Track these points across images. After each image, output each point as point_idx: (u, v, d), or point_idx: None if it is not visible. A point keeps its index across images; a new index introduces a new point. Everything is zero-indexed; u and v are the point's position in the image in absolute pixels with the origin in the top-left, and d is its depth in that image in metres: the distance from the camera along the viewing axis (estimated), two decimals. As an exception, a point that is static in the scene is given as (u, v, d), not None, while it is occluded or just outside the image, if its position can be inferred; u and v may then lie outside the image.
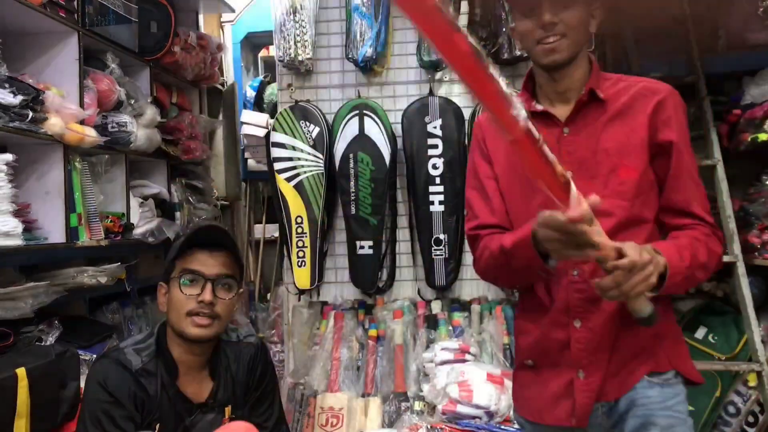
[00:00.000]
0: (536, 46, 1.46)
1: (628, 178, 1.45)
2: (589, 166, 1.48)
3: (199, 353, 1.76)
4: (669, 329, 1.51)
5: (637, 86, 1.51)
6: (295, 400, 2.96)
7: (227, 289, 1.75)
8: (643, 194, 1.47)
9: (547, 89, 1.54)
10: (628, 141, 1.47)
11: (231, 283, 1.76)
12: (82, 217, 2.62)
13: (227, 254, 1.76)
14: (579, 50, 1.48)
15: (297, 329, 3.15)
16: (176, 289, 1.72)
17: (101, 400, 1.66)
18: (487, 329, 2.95)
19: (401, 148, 3.12)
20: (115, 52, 2.94)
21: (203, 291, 1.70)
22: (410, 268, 3.21)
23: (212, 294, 1.71)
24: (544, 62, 1.48)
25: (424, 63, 3.10)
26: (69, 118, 2.47)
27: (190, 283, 1.71)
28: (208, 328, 1.71)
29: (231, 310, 1.77)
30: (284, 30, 3.09)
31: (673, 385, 1.48)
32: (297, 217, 3.10)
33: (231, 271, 1.76)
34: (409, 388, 2.79)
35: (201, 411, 1.77)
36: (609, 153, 1.47)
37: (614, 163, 1.46)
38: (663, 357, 1.48)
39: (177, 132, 3.50)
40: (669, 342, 1.50)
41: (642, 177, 1.46)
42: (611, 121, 1.49)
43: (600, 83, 1.51)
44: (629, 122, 1.48)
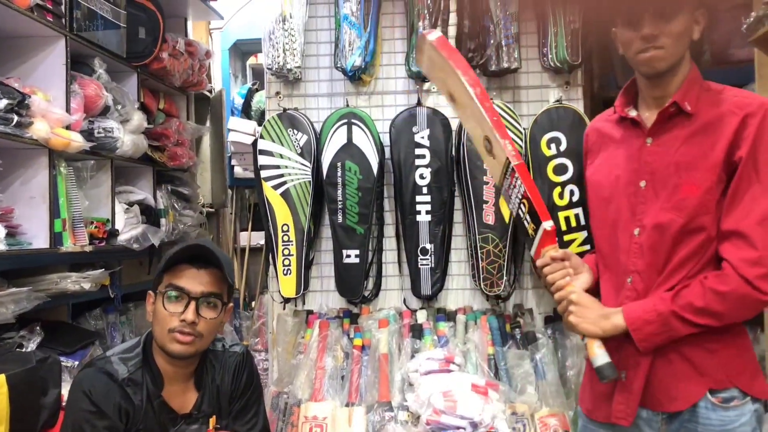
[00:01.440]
0: (636, 56, 1.51)
1: (689, 194, 1.46)
2: (659, 178, 1.51)
3: (183, 366, 1.75)
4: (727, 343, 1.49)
5: (732, 100, 1.49)
6: (278, 408, 2.94)
7: (212, 308, 1.72)
8: (704, 212, 1.46)
9: (646, 94, 1.58)
10: (703, 157, 1.46)
11: (216, 302, 1.73)
12: (67, 223, 2.60)
13: (216, 272, 1.73)
14: (679, 59, 1.51)
15: (281, 338, 3.13)
16: (160, 303, 1.70)
17: (85, 410, 1.65)
18: (472, 339, 2.95)
19: (389, 157, 3.12)
20: (102, 57, 2.93)
21: (186, 309, 1.68)
22: (396, 277, 3.21)
23: (195, 313, 1.68)
24: (643, 71, 1.53)
25: (412, 73, 3.11)
26: (55, 122, 2.46)
27: (175, 300, 1.69)
28: (190, 346, 1.70)
29: (216, 328, 1.75)
30: (273, 38, 3.09)
31: (737, 407, 1.46)
32: (283, 225, 3.09)
33: (217, 289, 1.73)
34: (393, 398, 2.79)
35: (185, 422, 1.75)
36: (679, 167, 1.48)
37: (681, 177, 1.48)
38: (721, 373, 1.47)
39: (164, 138, 3.49)
40: (726, 357, 1.48)
41: (705, 194, 1.45)
42: (694, 135, 1.49)
43: (693, 94, 1.51)
44: (711, 138, 1.47)
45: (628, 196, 1.56)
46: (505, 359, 2.90)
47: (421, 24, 3.04)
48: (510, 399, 2.75)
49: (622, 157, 1.59)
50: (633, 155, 1.57)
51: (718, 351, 1.48)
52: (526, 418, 2.71)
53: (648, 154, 1.54)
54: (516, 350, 2.90)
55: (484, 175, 2.97)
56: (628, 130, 1.61)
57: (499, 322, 3.01)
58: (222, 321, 1.77)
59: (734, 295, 1.41)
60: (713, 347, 1.48)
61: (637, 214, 1.53)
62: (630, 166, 1.57)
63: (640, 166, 1.55)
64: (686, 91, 1.51)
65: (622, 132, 1.62)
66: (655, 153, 1.53)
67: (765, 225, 1.41)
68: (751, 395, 1.47)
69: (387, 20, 3.23)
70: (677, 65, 1.52)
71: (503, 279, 2.98)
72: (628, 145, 1.59)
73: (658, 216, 1.49)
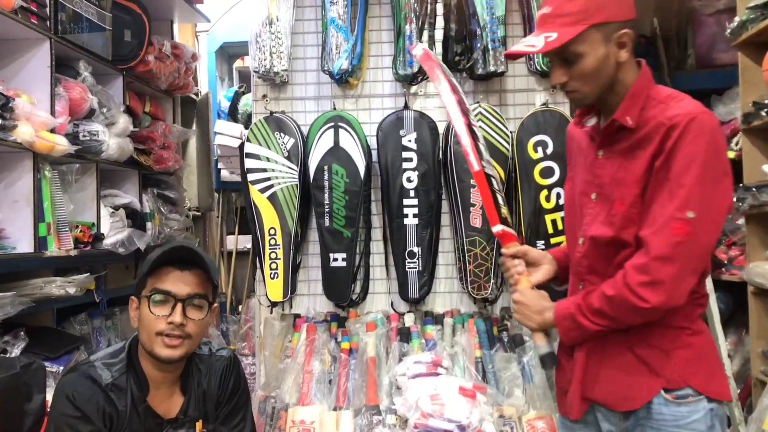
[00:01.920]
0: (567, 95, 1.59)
1: (618, 210, 1.50)
2: (605, 192, 1.54)
3: (170, 370, 1.73)
4: (683, 344, 1.51)
5: (666, 112, 1.47)
6: (266, 413, 2.93)
7: (198, 309, 1.70)
8: (629, 225, 1.49)
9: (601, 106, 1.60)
10: (632, 171, 1.49)
11: (202, 303, 1.71)
12: (52, 227, 2.58)
13: (200, 273, 1.72)
14: (604, 87, 1.51)
15: (269, 342, 3.12)
16: (146, 308, 1.69)
17: (68, 415, 1.63)
18: (459, 342, 2.96)
19: (376, 160, 3.12)
20: (87, 59, 2.91)
21: (173, 312, 1.66)
22: (384, 280, 3.20)
23: (182, 315, 1.67)
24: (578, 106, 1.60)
25: (399, 76, 3.12)
26: (39, 125, 2.44)
27: (161, 303, 1.67)
28: (179, 349, 1.68)
29: (203, 329, 1.74)
30: (260, 41, 3.09)
31: (691, 404, 1.48)
32: (270, 229, 3.08)
33: (203, 290, 1.71)
34: (381, 402, 2.78)
35: (171, 427, 1.74)
36: (618, 183, 1.51)
37: (614, 193, 1.52)
38: (675, 374, 1.49)
39: (149, 141, 3.47)
40: (682, 359, 1.50)
41: (630, 209, 1.48)
42: (632, 149, 1.50)
43: (636, 108, 1.49)
44: (641, 152, 1.48)
45: (582, 207, 1.61)
46: (492, 362, 2.90)
47: (408, 27, 3.04)
48: (497, 402, 2.75)
49: (582, 167, 1.65)
50: (588, 167, 1.61)
51: (673, 351, 1.50)
52: (513, 420, 2.71)
53: (598, 167, 1.57)
54: (503, 353, 2.91)
55: (471, 179, 2.97)
56: (588, 140, 1.64)
57: (486, 325, 3.01)
58: (209, 322, 1.76)
59: (617, 300, 1.45)
60: (668, 347, 1.50)
61: (584, 225, 1.60)
62: (585, 177, 1.61)
63: (593, 179, 1.58)
64: (627, 107, 1.50)
65: (586, 140, 1.65)
66: (603, 166, 1.56)
67: (662, 232, 1.42)
68: (706, 395, 1.49)
69: (374, 23, 3.23)
70: (610, 87, 1.51)
71: (490, 282, 2.99)
72: (587, 156, 1.63)
73: (597, 229, 1.55)
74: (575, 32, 1.43)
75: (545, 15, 1.48)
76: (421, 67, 3.05)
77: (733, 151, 3.49)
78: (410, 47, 3.00)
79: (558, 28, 1.44)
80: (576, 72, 1.47)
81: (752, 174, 3.16)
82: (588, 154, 1.62)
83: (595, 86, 1.50)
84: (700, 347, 1.53)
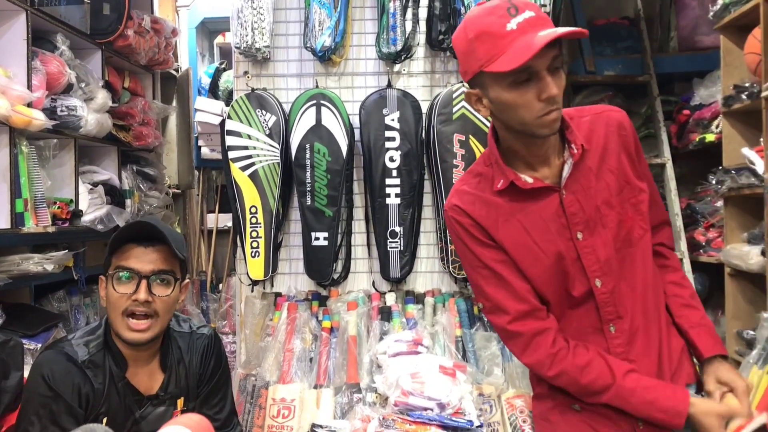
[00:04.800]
0: (538, 119, 1.35)
1: (630, 224, 1.47)
2: (595, 221, 1.44)
3: (143, 349, 1.71)
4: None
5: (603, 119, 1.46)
6: (246, 391, 2.93)
7: (165, 285, 1.68)
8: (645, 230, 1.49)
9: (525, 154, 1.44)
10: (617, 184, 1.45)
11: (168, 278, 1.69)
12: (29, 203, 2.54)
13: (164, 249, 1.69)
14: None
15: (249, 320, 3.12)
16: (111, 286, 1.67)
17: (42, 395, 1.62)
18: (440, 321, 2.97)
19: (358, 139, 3.11)
20: (65, 33, 2.85)
21: (138, 289, 1.64)
22: (365, 260, 3.21)
23: (147, 292, 1.64)
24: (542, 133, 1.38)
25: (382, 54, 3.09)
26: (16, 100, 2.39)
27: (125, 281, 1.65)
28: (147, 332, 1.66)
29: (172, 305, 1.71)
30: (241, 16, 3.04)
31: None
32: (251, 207, 3.06)
33: (168, 266, 1.69)
34: (362, 380, 2.80)
35: (151, 404, 1.73)
36: (611, 205, 1.44)
37: (617, 212, 1.45)
38: (691, 369, 1.50)
39: (129, 117, 3.43)
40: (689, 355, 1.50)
41: (636, 217, 1.48)
42: (599, 166, 1.45)
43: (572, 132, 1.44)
44: (611, 162, 1.45)
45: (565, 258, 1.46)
46: (472, 341, 2.92)
47: (392, 5, 3.02)
48: (477, 380, 2.78)
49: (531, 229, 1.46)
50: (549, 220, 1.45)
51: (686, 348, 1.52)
52: (492, 399, 2.74)
53: (570, 205, 1.44)
54: (483, 332, 2.93)
55: (454, 159, 2.97)
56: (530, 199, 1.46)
57: (467, 305, 3.03)
58: (178, 298, 1.73)
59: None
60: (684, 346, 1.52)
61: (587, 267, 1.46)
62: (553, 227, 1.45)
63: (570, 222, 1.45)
64: (572, 132, 1.43)
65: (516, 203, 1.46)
66: (576, 202, 1.44)
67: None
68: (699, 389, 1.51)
69: (357, 0, 3.20)
70: None
71: (472, 262, 3.00)
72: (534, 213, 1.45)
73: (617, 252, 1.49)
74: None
75: (533, 18, 1.32)
76: (404, 45, 3.03)
77: (714, 134, 3.52)
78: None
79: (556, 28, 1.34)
80: (560, 83, 1.34)
81: (732, 157, 3.19)
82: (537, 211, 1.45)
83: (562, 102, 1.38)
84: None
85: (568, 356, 1.43)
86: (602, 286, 1.45)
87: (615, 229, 1.44)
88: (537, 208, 1.45)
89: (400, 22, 3.03)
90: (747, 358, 2.64)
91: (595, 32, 4.19)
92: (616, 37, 4.23)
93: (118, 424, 1.67)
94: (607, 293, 1.45)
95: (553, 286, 1.47)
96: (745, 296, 3.19)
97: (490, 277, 1.48)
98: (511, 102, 1.35)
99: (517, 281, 1.46)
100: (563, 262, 1.45)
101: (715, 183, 3.26)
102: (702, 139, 3.61)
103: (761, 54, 2.79)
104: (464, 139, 2.98)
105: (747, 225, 3.17)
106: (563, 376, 1.44)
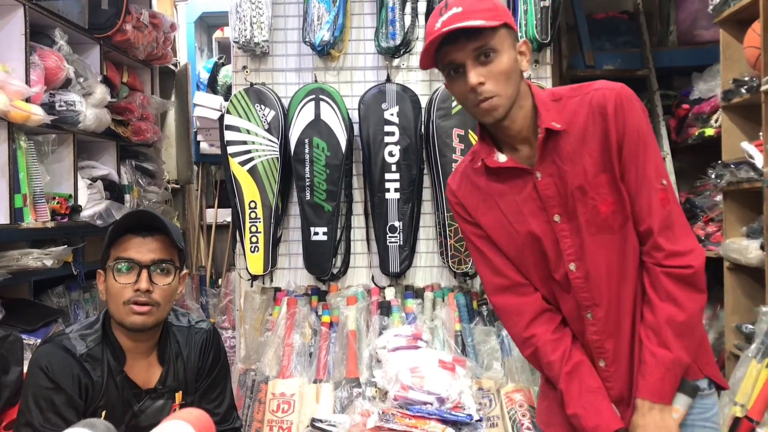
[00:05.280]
0: (474, 108, 1.42)
1: (606, 210, 1.43)
2: (570, 204, 1.44)
3: (143, 339, 1.72)
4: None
5: (587, 100, 1.44)
6: (246, 386, 2.94)
7: (165, 274, 1.69)
8: (627, 217, 1.43)
9: (502, 136, 1.49)
10: (595, 169, 1.42)
11: (168, 267, 1.69)
12: (28, 198, 2.54)
13: (162, 238, 1.69)
14: (515, 96, 1.42)
15: (249, 315, 3.12)
16: (111, 278, 1.67)
17: (42, 386, 1.62)
18: (439, 316, 2.97)
19: (357, 134, 3.10)
20: (63, 28, 2.85)
21: (139, 279, 1.65)
22: (364, 254, 3.21)
23: (148, 281, 1.65)
24: (486, 121, 1.44)
25: (381, 49, 3.08)
26: (14, 95, 2.39)
27: (125, 271, 1.66)
28: (148, 316, 1.66)
29: (172, 295, 1.72)
30: (240, 11, 3.04)
31: (709, 396, 1.47)
32: (250, 202, 3.06)
33: (167, 255, 1.69)
34: (361, 374, 2.80)
35: (150, 397, 1.73)
36: (583, 189, 1.43)
37: (591, 198, 1.43)
38: (693, 364, 1.45)
39: (127, 112, 3.43)
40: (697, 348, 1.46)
41: (617, 204, 1.42)
42: (577, 149, 1.43)
43: (551, 112, 1.44)
44: (591, 145, 1.42)
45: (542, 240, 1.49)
46: (471, 336, 2.93)
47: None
48: (476, 375, 2.78)
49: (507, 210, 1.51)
50: (524, 201, 1.48)
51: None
52: (492, 393, 2.74)
53: (545, 188, 1.46)
54: (483, 327, 2.93)
55: (453, 153, 2.97)
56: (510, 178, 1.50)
57: (466, 299, 3.03)
58: (177, 288, 1.74)
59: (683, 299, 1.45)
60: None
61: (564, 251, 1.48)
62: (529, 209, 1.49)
63: (545, 204, 1.47)
64: (545, 113, 1.43)
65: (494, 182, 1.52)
66: (551, 185, 1.46)
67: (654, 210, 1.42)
68: (717, 384, 1.49)
69: (356, -7, 3.19)
70: (517, 99, 1.43)
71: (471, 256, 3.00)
72: (509, 194, 1.50)
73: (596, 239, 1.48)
74: (498, 23, 1.37)
75: (458, 14, 1.36)
76: (403, 39, 3.03)
77: (713, 128, 3.52)
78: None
79: (480, 19, 1.36)
80: (494, 70, 1.37)
81: (731, 151, 3.19)
82: (511, 192, 1.49)
83: (510, 91, 1.40)
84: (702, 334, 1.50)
85: (540, 346, 1.50)
86: (576, 270, 1.46)
87: (589, 213, 1.43)
88: (513, 188, 1.50)
89: (399, 16, 3.03)
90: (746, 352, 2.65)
91: (594, 26, 4.18)
92: (615, 31, 4.22)
93: (116, 417, 1.67)
94: (581, 278, 1.46)
95: (537, 268, 1.51)
96: (743, 290, 3.20)
97: (474, 251, 1.59)
98: (452, 93, 1.46)
99: (495, 256, 1.54)
100: (540, 244, 1.48)
101: (714, 177, 3.26)
102: (701, 134, 3.61)
103: (761, 48, 2.79)
104: (463, 134, 2.98)
105: (746, 219, 3.17)
106: (533, 361, 1.54)
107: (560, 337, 1.50)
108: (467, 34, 1.36)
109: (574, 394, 1.46)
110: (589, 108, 1.43)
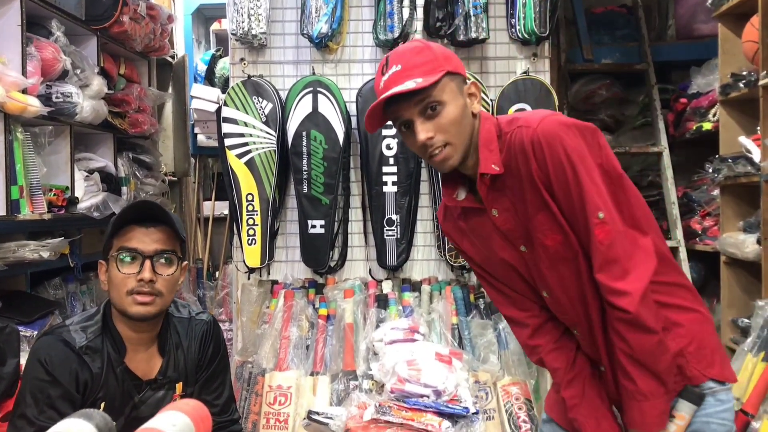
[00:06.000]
0: (429, 160, 1.44)
1: (553, 244, 1.43)
2: (529, 237, 1.46)
3: (145, 330, 1.73)
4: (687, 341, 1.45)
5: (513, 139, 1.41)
6: (243, 378, 2.94)
7: (168, 264, 1.70)
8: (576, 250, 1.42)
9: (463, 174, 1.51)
10: (533, 208, 1.42)
11: (171, 257, 1.70)
12: (24, 190, 2.54)
13: (165, 229, 1.70)
14: (468, 141, 1.43)
15: (246, 308, 3.12)
16: (115, 268, 1.67)
17: (39, 379, 1.62)
18: (436, 309, 2.98)
19: (355, 127, 3.10)
20: (60, 19, 2.84)
21: (142, 269, 1.65)
22: (362, 248, 3.21)
23: (152, 271, 1.66)
24: (443, 170, 1.46)
25: (379, 41, 3.08)
26: (10, 86, 2.38)
27: (129, 262, 1.67)
28: (151, 306, 1.67)
29: (174, 285, 1.73)
30: (238, 2, 3.02)
31: (716, 393, 1.46)
32: (248, 195, 3.05)
33: (170, 246, 1.70)
34: (358, 367, 2.80)
35: (150, 388, 1.74)
36: (534, 225, 1.43)
37: (537, 235, 1.43)
38: (695, 372, 1.45)
39: (125, 104, 3.42)
40: (692, 354, 1.45)
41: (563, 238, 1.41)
42: (519, 187, 1.43)
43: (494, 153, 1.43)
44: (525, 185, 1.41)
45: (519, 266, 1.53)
46: (468, 329, 2.93)
47: (389, -8, 3.00)
48: (473, 368, 2.79)
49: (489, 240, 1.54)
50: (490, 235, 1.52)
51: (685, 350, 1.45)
52: (488, 386, 2.75)
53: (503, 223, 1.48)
54: (479, 320, 2.94)
55: (451, 146, 2.97)
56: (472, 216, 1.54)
57: (463, 293, 3.03)
58: (179, 278, 1.75)
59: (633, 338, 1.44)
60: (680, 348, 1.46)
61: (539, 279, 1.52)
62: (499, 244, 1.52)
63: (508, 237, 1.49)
64: (486, 156, 1.43)
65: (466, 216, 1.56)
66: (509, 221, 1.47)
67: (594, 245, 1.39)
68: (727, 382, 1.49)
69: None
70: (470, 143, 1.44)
71: (468, 250, 3.00)
72: (480, 226, 1.53)
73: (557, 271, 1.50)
74: (437, 77, 1.36)
75: (397, 73, 1.37)
76: (402, 32, 3.02)
77: (711, 123, 3.52)
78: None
79: (418, 76, 1.36)
80: (442, 122, 1.38)
81: (729, 145, 3.19)
82: (479, 227, 1.53)
83: (462, 138, 1.41)
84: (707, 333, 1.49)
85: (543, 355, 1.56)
86: (548, 296, 1.52)
87: (541, 247, 1.45)
88: (478, 223, 1.54)
89: (397, 8, 3.02)
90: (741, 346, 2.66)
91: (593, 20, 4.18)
92: (613, 25, 4.22)
93: (116, 408, 1.68)
94: (554, 303, 1.52)
95: (527, 290, 1.57)
96: (740, 284, 3.21)
97: (474, 266, 1.66)
98: (408, 146, 1.48)
99: (490, 276, 1.62)
100: (518, 271, 1.53)
101: (711, 171, 3.27)
102: (699, 128, 3.61)
103: (759, 42, 2.79)
104: (461, 127, 2.97)
105: (743, 213, 3.18)
106: (540, 365, 1.61)
107: (562, 346, 1.56)
108: (410, 92, 1.36)
109: (575, 401, 1.52)
110: (515, 148, 1.42)
